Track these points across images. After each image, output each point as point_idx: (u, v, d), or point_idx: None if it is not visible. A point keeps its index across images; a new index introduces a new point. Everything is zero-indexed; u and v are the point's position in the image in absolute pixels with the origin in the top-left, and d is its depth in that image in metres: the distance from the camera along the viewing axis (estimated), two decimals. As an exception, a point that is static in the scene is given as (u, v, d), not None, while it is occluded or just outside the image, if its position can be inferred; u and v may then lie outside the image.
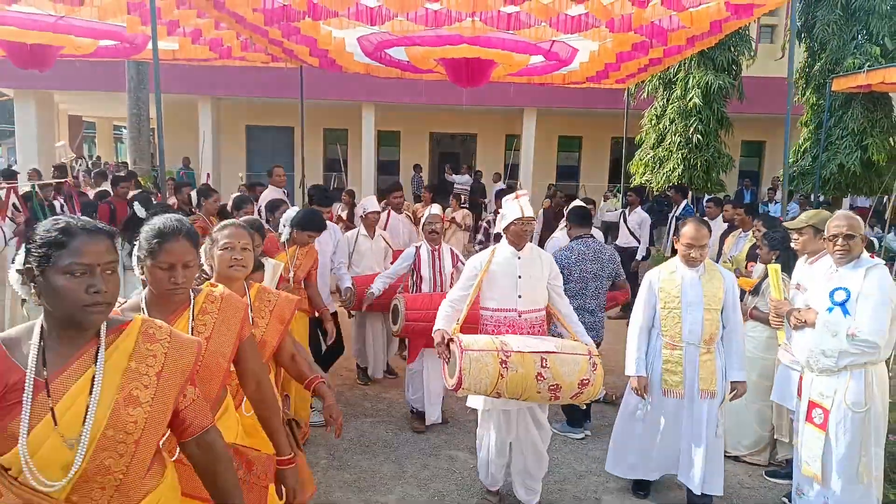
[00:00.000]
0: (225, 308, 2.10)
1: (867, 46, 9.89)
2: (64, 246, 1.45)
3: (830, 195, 10.85)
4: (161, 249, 1.91)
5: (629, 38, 6.31)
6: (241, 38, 7.77)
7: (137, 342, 1.58)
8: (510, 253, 3.60)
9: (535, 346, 3.33)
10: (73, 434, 1.44)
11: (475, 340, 3.35)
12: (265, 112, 16.49)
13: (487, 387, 3.24)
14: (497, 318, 3.60)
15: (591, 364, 3.37)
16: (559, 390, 3.30)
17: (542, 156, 16.84)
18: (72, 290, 1.44)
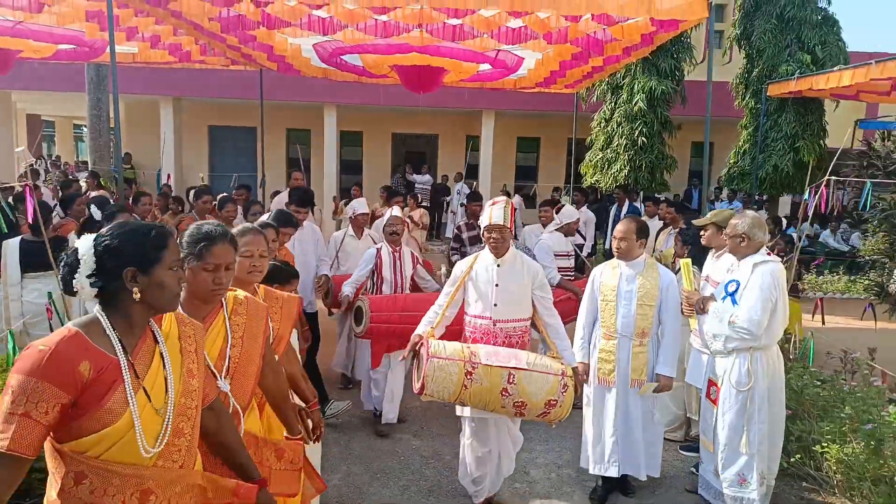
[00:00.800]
0: (251, 311, 2.27)
1: (799, 54, 10.53)
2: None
3: (767, 193, 11.50)
4: (208, 252, 2.05)
5: (568, 48, 6.73)
6: (200, 42, 7.99)
7: (179, 327, 1.84)
8: (490, 260, 3.57)
9: (506, 359, 3.27)
10: (160, 405, 1.67)
11: (444, 347, 3.32)
12: (228, 112, 16.60)
13: (450, 395, 3.25)
14: (474, 324, 3.59)
15: (562, 385, 3.26)
16: (524, 408, 3.24)
17: (501, 156, 17.28)
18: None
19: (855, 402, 3.97)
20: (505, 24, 5.90)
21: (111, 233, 1.69)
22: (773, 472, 3.80)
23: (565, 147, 17.75)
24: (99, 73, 11.19)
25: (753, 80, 11.18)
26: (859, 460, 3.66)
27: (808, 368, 4.63)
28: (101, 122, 11.40)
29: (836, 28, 10.78)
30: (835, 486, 3.90)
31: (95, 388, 1.56)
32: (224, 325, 2.17)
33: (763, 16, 11.03)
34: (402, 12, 5.60)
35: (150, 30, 7.23)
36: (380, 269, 4.90)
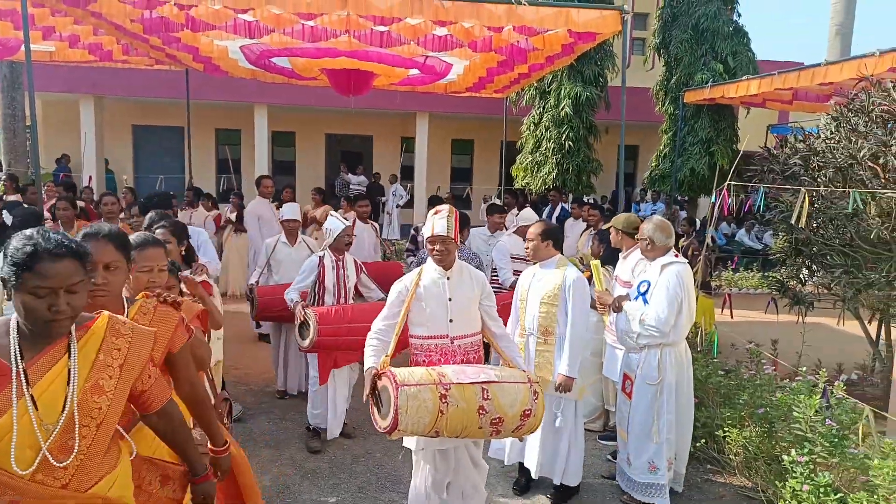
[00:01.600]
0: (134, 340, 1.87)
1: (713, 64, 11.15)
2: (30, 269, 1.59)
3: (686, 195, 12.12)
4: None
5: (493, 56, 6.95)
6: (122, 42, 7.79)
7: (105, 337, 1.75)
8: (437, 273, 3.30)
9: (474, 375, 3.03)
10: (50, 419, 1.60)
11: (411, 373, 3.02)
12: (153, 111, 16.11)
13: (426, 426, 2.91)
14: (428, 346, 3.28)
15: (532, 392, 3.09)
16: (501, 424, 3.01)
17: (436, 158, 17.46)
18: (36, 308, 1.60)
19: (752, 390, 4.32)
20: (431, 32, 6.05)
21: (14, 238, 1.63)
22: (683, 460, 4.10)
23: (498, 149, 18.09)
24: (13, 70, 10.69)
25: (672, 87, 11.74)
26: (755, 442, 4.00)
27: (712, 360, 4.98)
28: (16, 122, 10.89)
29: (745, 39, 11.46)
30: (735, 466, 4.24)
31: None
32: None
33: (680, 26, 11.62)
34: (329, 18, 5.66)
35: (68, 29, 7.01)
36: (322, 279, 4.62)
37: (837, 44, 15.42)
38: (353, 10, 5.35)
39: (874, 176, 5.04)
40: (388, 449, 4.62)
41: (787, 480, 3.61)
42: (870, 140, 5.06)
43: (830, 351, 6.61)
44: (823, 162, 5.48)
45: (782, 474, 3.73)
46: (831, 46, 15.57)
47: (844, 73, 7.06)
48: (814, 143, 5.73)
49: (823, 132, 5.71)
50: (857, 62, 6.81)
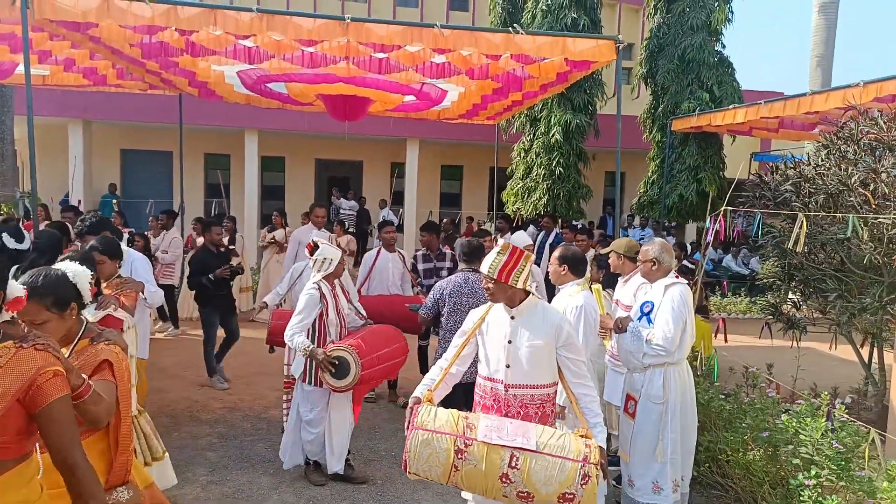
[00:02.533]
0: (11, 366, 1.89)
1: (699, 93, 11.40)
2: None
3: (674, 221, 12.29)
4: None
5: (489, 83, 7.05)
6: (117, 66, 7.80)
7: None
8: (503, 309, 3.01)
9: (510, 436, 2.66)
10: None
11: (435, 416, 2.77)
12: (142, 136, 16.07)
13: (440, 476, 2.70)
14: (484, 387, 3.03)
15: (582, 475, 2.57)
16: (532, 499, 2.61)
17: (426, 183, 17.55)
18: None
19: (754, 413, 4.34)
20: (429, 60, 6.13)
21: None
22: (687, 479, 4.10)
23: (488, 175, 18.26)
24: (3, 94, 10.62)
25: (659, 115, 11.98)
26: (758, 466, 4.00)
27: (713, 384, 5.01)
28: (4, 146, 10.78)
29: (730, 69, 11.76)
30: (738, 491, 4.23)
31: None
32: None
33: (666, 56, 11.89)
34: (329, 45, 5.72)
35: (64, 53, 7.00)
36: (326, 312, 4.25)
37: (819, 74, 15.85)
38: (353, 38, 5.41)
39: (864, 202, 5.16)
40: (390, 476, 4.56)
41: (792, 503, 3.63)
42: (859, 167, 5.19)
43: (823, 375, 6.67)
44: (814, 188, 5.59)
45: (788, 498, 3.74)
46: (813, 76, 16.00)
47: (830, 102, 7.26)
48: (804, 170, 5.85)
49: (813, 159, 5.85)
50: (841, 92, 7.01)
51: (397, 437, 5.26)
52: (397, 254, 6.26)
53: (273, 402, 6.02)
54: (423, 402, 2.90)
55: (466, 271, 4.66)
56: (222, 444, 5.03)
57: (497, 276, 2.90)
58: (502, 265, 2.90)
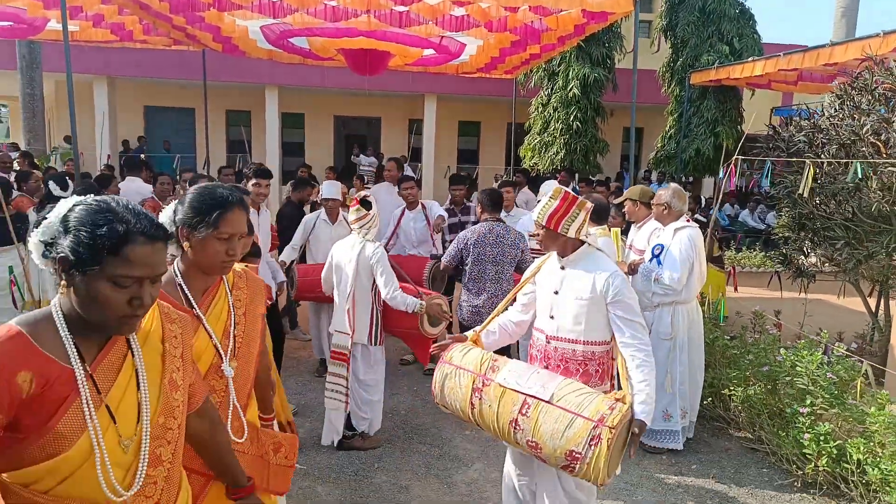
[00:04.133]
0: (252, 286, 2.04)
1: (719, 45, 11.32)
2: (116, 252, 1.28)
3: (691, 175, 12.34)
4: (223, 220, 1.81)
5: (507, 36, 7.14)
6: (143, 22, 7.97)
7: (164, 324, 1.50)
8: (555, 260, 2.86)
9: (531, 384, 2.56)
10: (128, 431, 1.35)
11: (465, 355, 2.78)
12: (164, 93, 16.29)
13: (461, 411, 2.73)
14: (534, 337, 2.92)
15: (592, 437, 2.36)
16: (540, 451, 2.49)
17: (444, 139, 17.64)
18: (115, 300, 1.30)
19: (756, 351, 4.58)
20: (449, 13, 6.24)
21: (87, 205, 1.32)
22: (695, 409, 4.40)
23: (504, 131, 18.28)
24: (32, 51, 10.88)
25: (678, 69, 11.92)
26: (758, 399, 4.26)
27: (718, 325, 5.25)
28: (34, 102, 11.11)
29: (751, 21, 11.62)
30: (739, 422, 4.51)
31: (40, 405, 1.25)
32: (227, 300, 1.93)
33: (686, 8, 11.77)
34: (352, -2, 5.86)
35: (94, 9, 7.19)
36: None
37: (843, 25, 15.53)
38: (375, -9, 5.56)
39: (876, 152, 5.26)
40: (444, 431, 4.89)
41: (789, 431, 3.89)
42: (872, 117, 5.28)
43: (831, 323, 6.85)
44: (827, 139, 5.69)
45: (785, 426, 4.00)
46: (836, 28, 15.69)
47: (849, 53, 7.25)
48: (818, 121, 5.94)
49: (827, 110, 5.93)
50: (861, 43, 7.00)
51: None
52: (419, 208, 5.93)
53: (298, 346, 6.36)
54: (468, 341, 2.89)
55: (490, 221, 4.64)
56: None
57: (546, 223, 2.72)
58: (552, 211, 2.70)
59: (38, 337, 1.28)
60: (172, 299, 1.78)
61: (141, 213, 1.35)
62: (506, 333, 3.01)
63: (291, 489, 3.28)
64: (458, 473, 3.95)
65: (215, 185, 1.91)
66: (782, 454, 3.97)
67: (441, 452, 4.22)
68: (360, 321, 4.09)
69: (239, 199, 1.87)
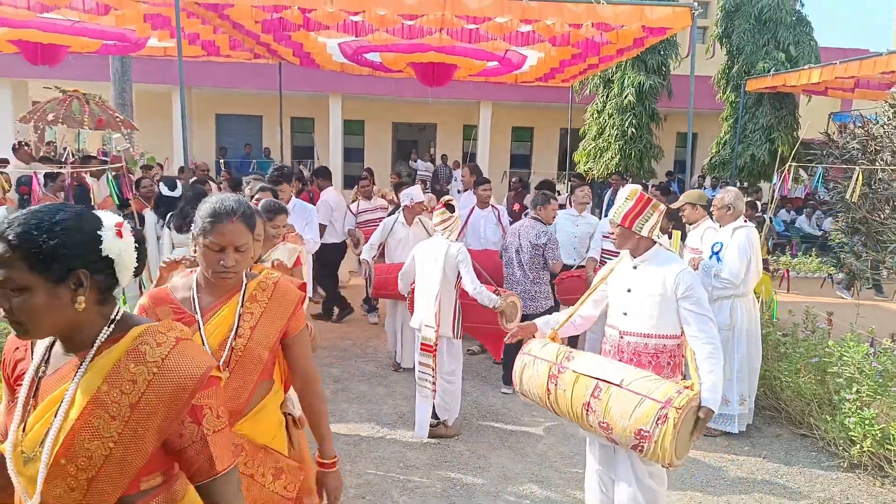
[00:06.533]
0: (276, 297, 2.00)
1: (775, 53, 11.47)
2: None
3: (745, 181, 12.49)
4: (213, 230, 1.86)
5: (569, 49, 7.58)
6: (232, 38, 8.71)
7: (120, 360, 1.31)
8: (628, 261, 3.04)
9: (601, 370, 2.78)
10: (31, 449, 1.28)
11: (543, 347, 3.06)
12: (235, 101, 17.29)
13: (540, 398, 3.00)
14: (608, 333, 3.11)
15: (659, 416, 2.54)
16: (611, 432, 2.70)
17: (498, 145, 18.13)
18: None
19: (806, 345, 4.90)
20: (515, 29, 6.73)
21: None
22: (753, 395, 4.76)
23: (557, 136, 18.65)
24: (124, 64, 11.86)
25: (733, 75, 12.10)
26: (808, 388, 4.59)
27: (771, 321, 5.57)
28: (125, 111, 12.06)
29: (808, 28, 11.73)
30: (790, 411, 4.84)
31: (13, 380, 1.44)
32: (234, 311, 1.92)
33: (742, 16, 11.96)
34: (427, 18, 6.40)
35: (192, 28, 7.95)
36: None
37: (904, 31, 15.33)
38: (449, 11, 6.08)
39: (928, 159, 5.50)
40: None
41: (836, 416, 4.23)
42: (925, 125, 5.53)
43: (882, 325, 7.03)
44: (881, 146, 5.95)
45: (833, 413, 4.33)
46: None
47: (905, 62, 7.41)
48: (872, 128, 6.18)
49: (881, 118, 6.17)
50: (918, 52, 7.16)
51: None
52: (491, 209, 6.35)
53: (375, 333, 6.93)
54: (546, 337, 3.16)
55: (531, 217, 5.29)
56: (340, 363, 5.97)
57: (621, 222, 2.89)
58: (627, 211, 2.88)
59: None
60: (179, 303, 1.93)
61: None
62: (571, 326, 3.30)
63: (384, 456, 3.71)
64: (529, 446, 4.43)
65: (223, 196, 1.95)
66: (829, 438, 4.31)
67: (512, 429, 4.70)
68: (445, 316, 4.45)
69: (238, 211, 1.89)
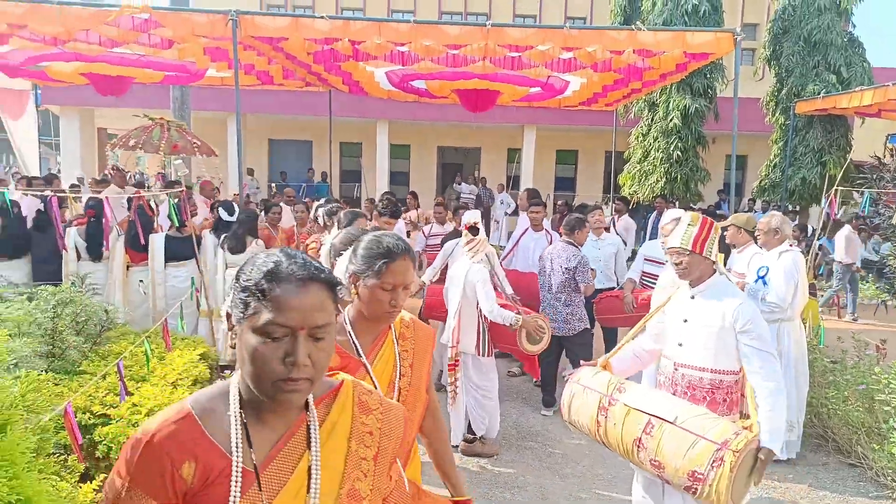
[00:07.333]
0: (419, 334, 1.98)
1: (826, 74, 11.28)
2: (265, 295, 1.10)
3: (797, 204, 12.23)
4: (386, 270, 1.79)
5: (611, 75, 7.68)
6: (285, 68, 9.13)
7: (354, 416, 1.24)
8: (686, 288, 2.94)
9: (654, 405, 2.69)
10: None
11: (594, 376, 2.98)
12: (287, 127, 17.91)
13: (588, 429, 2.92)
14: (662, 365, 3.03)
15: (714, 459, 2.42)
16: (663, 471, 2.60)
17: (541, 168, 18.22)
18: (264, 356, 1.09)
19: (855, 372, 4.80)
20: (557, 56, 6.87)
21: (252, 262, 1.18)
22: (801, 422, 4.68)
23: (602, 159, 18.62)
24: (183, 92, 12.50)
25: (783, 98, 11.94)
26: (855, 417, 4.49)
27: (818, 347, 5.47)
28: (182, 137, 12.69)
29: (860, 49, 11.50)
30: (838, 440, 4.73)
31: (203, 499, 1.11)
32: (393, 349, 1.90)
33: (791, 38, 11.83)
34: (471, 47, 6.61)
35: (248, 59, 8.38)
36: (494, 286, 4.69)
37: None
38: (492, 40, 6.29)
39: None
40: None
41: (884, 446, 4.13)
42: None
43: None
44: (933, 169, 5.82)
45: (881, 442, 4.23)
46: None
47: (961, 84, 7.23)
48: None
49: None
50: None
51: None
52: (544, 233, 6.35)
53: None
54: (597, 365, 3.09)
55: (560, 241, 5.39)
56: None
57: (692, 248, 2.79)
58: (696, 236, 2.80)
59: (207, 419, 1.14)
60: (341, 348, 1.78)
61: (297, 255, 1.17)
62: (637, 361, 3.18)
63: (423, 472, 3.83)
64: (568, 468, 4.46)
65: (382, 234, 1.90)
66: (878, 468, 4.20)
67: (552, 450, 4.74)
68: (467, 334, 4.54)
69: (405, 248, 1.85)
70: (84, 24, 6.41)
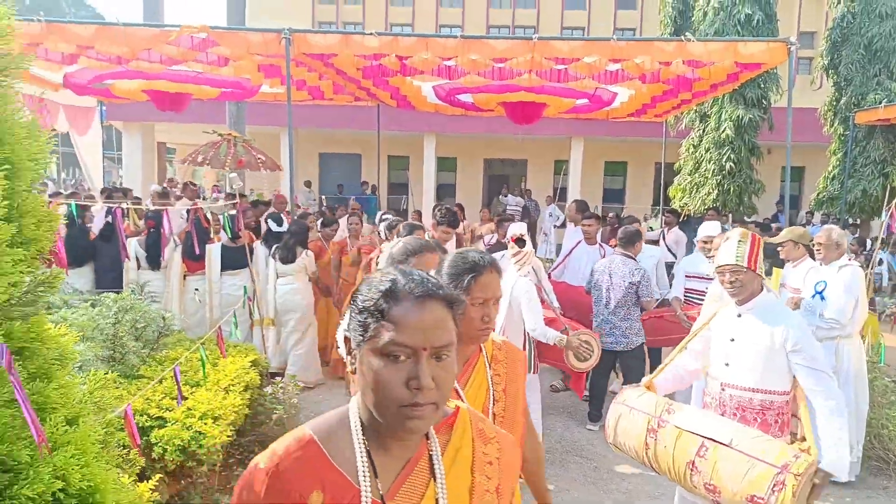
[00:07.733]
0: (511, 356, 1.89)
1: (888, 83, 10.86)
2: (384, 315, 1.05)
3: (857, 217, 11.77)
4: (475, 284, 1.72)
5: (660, 86, 7.59)
6: (335, 84, 9.36)
7: (475, 445, 1.19)
8: (734, 306, 2.87)
9: (706, 427, 2.60)
10: None
11: (640, 397, 2.89)
12: (337, 140, 18.30)
13: (635, 451, 2.82)
14: (709, 385, 2.95)
15: (775, 483, 2.35)
16: (718, 495, 2.51)
17: (589, 179, 18.05)
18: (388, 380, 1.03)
19: (918, 393, 4.59)
20: (604, 68, 6.84)
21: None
22: (860, 441, 4.51)
23: (652, 170, 18.33)
24: (238, 108, 12.94)
25: (841, 108, 11.55)
26: (919, 440, 4.29)
27: (878, 366, 5.25)
28: (237, 150, 13.11)
29: (925, 57, 11.05)
30: (899, 464, 4.53)
31: None
32: (485, 374, 1.80)
33: (850, 46, 11.45)
34: (517, 60, 6.65)
35: (300, 76, 8.63)
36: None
37: None
38: (538, 53, 6.32)
39: None
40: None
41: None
42: None
43: None
44: None
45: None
46: None
47: None
48: None
49: None
50: None
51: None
52: (598, 247, 6.20)
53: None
54: (641, 386, 3.03)
55: (615, 254, 5.26)
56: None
57: (748, 265, 2.73)
58: (749, 252, 2.74)
59: (330, 446, 1.10)
60: None
61: (414, 272, 1.12)
62: (679, 379, 3.11)
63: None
64: (613, 483, 4.40)
65: (467, 250, 1.85)
66: (944, 494, 4.00)
67: (597, 465, 4.69)
68: None
69: (490, 261, 1.80)
70: (146, 44, 6.74)
